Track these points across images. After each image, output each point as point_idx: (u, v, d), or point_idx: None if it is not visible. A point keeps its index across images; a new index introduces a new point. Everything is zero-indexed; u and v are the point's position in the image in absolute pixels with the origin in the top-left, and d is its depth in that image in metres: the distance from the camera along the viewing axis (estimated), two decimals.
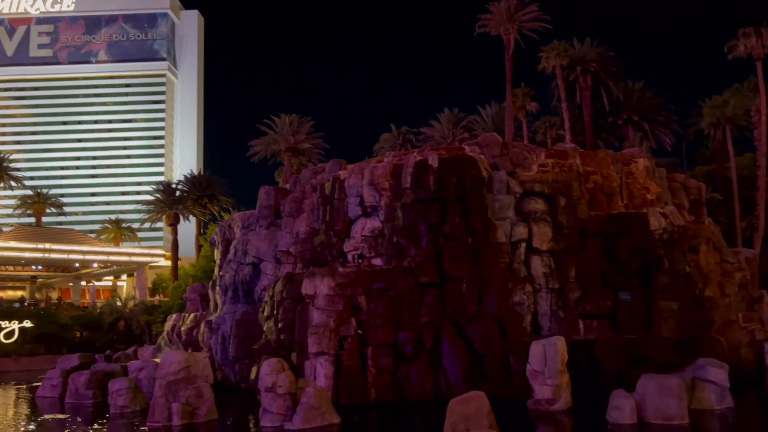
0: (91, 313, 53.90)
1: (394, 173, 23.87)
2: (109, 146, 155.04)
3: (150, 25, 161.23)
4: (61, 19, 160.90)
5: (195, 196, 67.07)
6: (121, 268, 71.64)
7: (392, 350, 20.58)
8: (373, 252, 23.39)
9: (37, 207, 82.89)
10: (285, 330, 21.98)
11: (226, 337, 24.54)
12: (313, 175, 28.81)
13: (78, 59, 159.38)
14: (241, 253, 27.56)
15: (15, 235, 66.21)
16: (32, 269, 66.63)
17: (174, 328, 29.45)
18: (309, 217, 26.17)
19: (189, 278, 49.41)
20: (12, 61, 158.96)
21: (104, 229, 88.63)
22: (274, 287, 23.32)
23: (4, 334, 45.17)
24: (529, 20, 48.53)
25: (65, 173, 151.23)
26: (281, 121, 57.92)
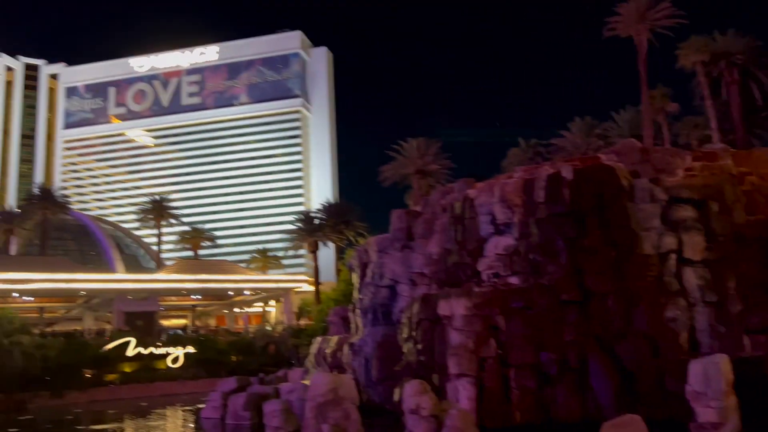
0: (244, 338, 57.52)
1: (526, 188, 23.36)
2: (253, 181, 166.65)
3: (283, 65, 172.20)
4: (207, 69, 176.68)
5: (332, 223, 69.99)
6: (270, 295, 76.10)
7: (535, 371, 19.97)
8: (509, 270, 22.95)
9: (193, 241, 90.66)
10: (424, 351, 22.12)
11: (368, 359, 25.14)
12: (442, 195, 28.97)
13: (222, 103, 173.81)
14: (377, 276, 28.26)
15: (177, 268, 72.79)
16: (192, 299, 72.67)
17: (320, 350, 30.65)
18: (441, 238, 26.28)
19: (331, 302, 51.31)
20: (167, 111, 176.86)
21: (253, 259, 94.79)
22: (411, 309, 23.62)
23: (171, 360, 49.51)
24: (662, 18, 45.68)
25: (216, 209, 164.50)
26: (409, 145, 58.92)
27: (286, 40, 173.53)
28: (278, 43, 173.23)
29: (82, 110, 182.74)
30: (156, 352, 49.53)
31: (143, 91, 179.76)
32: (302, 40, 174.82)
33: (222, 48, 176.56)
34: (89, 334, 58.58)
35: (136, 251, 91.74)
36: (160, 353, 49.60)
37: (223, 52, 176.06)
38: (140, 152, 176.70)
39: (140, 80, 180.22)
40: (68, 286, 58.40)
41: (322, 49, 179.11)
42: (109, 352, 48.05)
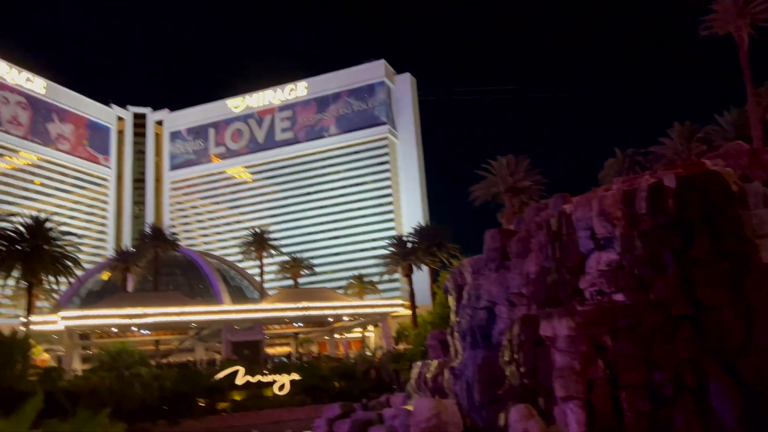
0: (346, 364, 58.37)
1: (626, 200, 22.38)
2: (346, 209, 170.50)
3: (369, 94, 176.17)
4: (297, 104, 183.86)
5: (425, 246, 70.11)
6: (367, 320, 76.96)
7: (648, 391, 18.90)
8: (613, 287, 21.98)
9: (293, 270, 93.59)
10: (528, 374, 21.53)
11: (470, 383, 24.77)
12: (536, 212, 28.32)
13: (313, 136, 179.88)
14: (474, 298, 27.90)
15: (278, 297, 75.29)
16: (294, 326, 74.77)
17: (420, 375, 30.55)
18: (538, 256, 25.63)
19: (428, 325, 51.16)
20: (262, 147, 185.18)
21: (349, 285, 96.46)
22: (511, 330, 23.11)
23: (277, 387, 51.02)
24: (763, 11, 42.85)
25: (312, 237, 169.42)
26: (498, 164, 58.23)
27: (371, 70, 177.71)
28: (363, 74, 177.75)
29: (185, 152, 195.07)
30: (263, 380, 51.25)
31: (240, 130, 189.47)
32: (386, 69, 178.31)
33: (310, 83, 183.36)
34: (201, 365, 61.58)
35: (240, 282, 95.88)
36: (267, 381, 51.29)
37: (312, 86, 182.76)
38: (240, 188, 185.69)
39: (237, 120, 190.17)
40: (180, 319, 61.83)
41: (406, 76, 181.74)
42: (220, 381, 50.24)
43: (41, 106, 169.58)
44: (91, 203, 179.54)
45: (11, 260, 51.17)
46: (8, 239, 51.58)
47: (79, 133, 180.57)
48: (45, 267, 52.62)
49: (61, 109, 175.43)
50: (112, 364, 45.14)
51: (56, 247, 54.18)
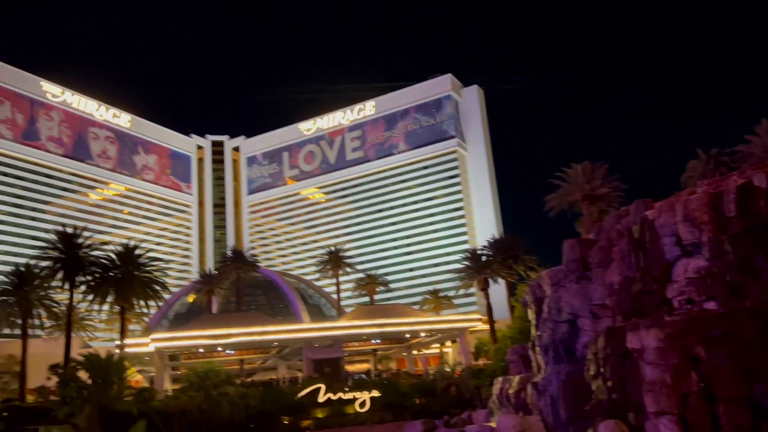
0: (425, 381, 58.02)
1: (713, 203, 21.34)
2: (418, 224, 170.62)
3: (437, 109, 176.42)
4: (366, 123, 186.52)
5: (500, 259, 68.98)
6: (445, 335, 76.29)
7: (748, 405, 17.79)
8: (704, 295, 20.92)
9: (368, 287, 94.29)
10: (615, 388, 20.72)
11: (554, 399, 24.11)
12: (617, 220, 27.37)
13: (383, 154, 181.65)
14: (555, 311, 27.19)
15: (356, 314, 76.00)
16: (372, 343, 75.10)
17: (501, 391, 30.00)
18: (620, 266, 24.74)
19: (507, 340, 50.23)
20: (334, 167, 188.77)
21: (425, 300, 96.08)
22: (596, 344, 22.35)
23: (358, 404, 51.33)
24: None
25: (386, 254, 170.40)
26: (573, 171, 56.63)
27: (437, 85, 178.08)
28: (430, 89, 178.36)
29: (261, 176, 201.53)
30: (344, 397, 51.71)
31: (312, 151, 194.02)
32: (453, 82, 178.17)
33: (378, 102, 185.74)
34: (284, 383, 62.85)
35: (318, 301, 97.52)
36: (348, 398, 51.71)
37: (379, 105, 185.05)
38: (314, 208, 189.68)
39: (309, 142, 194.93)
40: (262, 338, 63.47)
41: (473, 88, 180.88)
42: (303, 398, 51.10)
43: (127, 140, 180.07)
44: (176, 229, 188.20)
45: (105, 286, 54.30)
46: (102, 267, 54.82)
47: (163, 162, 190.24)
48: (136, 292, 55.51)
49: (145, 141, 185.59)
50: (200, 384, 46.81)
51: (145, 273, 57.06)
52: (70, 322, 53.94)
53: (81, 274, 53.63)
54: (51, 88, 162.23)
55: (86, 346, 74.50)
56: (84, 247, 54.24)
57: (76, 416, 40.93)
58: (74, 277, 53.04)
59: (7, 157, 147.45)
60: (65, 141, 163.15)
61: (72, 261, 52.63)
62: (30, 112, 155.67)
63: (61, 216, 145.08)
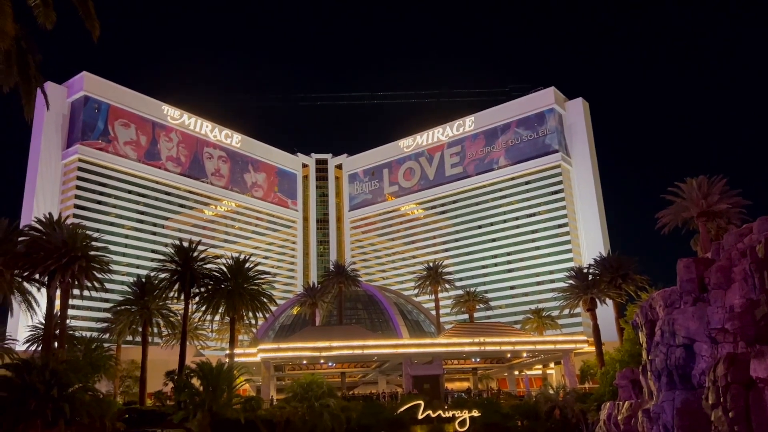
0: (527, 403, 56.35)
1: None
2: (520, 240, 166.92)
3: (539, 123, 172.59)
4: (465, 139, 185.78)
5: (608, 278, 66.00)
6: (548, 357, 73.82)
7: None
8: None
9: (468, 305, 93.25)
10: (738, 420, 19.17)
11: (668, 428, 22.68)
12: (738, 238, 25.47)
13: (482, 169, 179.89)
14: (668, 334, 25.63)
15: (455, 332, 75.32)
16: (472, 361, 73.98)
17: (610, 416, 28.64)
18: (743, 287, 22.95)
19: (615, 363, 47.81)
20: (433, 183, 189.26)
21: (527, 320, 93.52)
22: (714, 371, 20.83)
23: (458, 423, 50.66)
24: None
25: (486, 271, 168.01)
26: (688, 186, 53.23)
27: (539, 99, 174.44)
28: (531, 103, 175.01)
29: (362, 192, 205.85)
30: (443, 415, 51.22)
31: (411, 168, 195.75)
32: (555, 96, 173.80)
33: (477, 118, 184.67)
34: (383, 397, 63.24)
35: (417, 316, 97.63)
36: (447, 416, 51.18)
37: (478, 121, 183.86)
38: (413, 224, 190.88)
39: (408, 159, 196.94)
40: (362, 352, 64.35)
41: (578, 101, 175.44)
42: (402, 414, 51.14)
43: (238, 158, 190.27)
44: (282, 243, 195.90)
45: (217, 298, 57.37)
46: (214, 279, 58.00)
47: (270, 180, 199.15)
48: (245, 303, 58.20)
49: (255, 159, 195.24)
50: (303, 395, 48.11)
51: (254, 285, 59.72)
52: (185, 331, 57.34)
53: (195, 285, 56.99)
54: (171, 111, 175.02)
55: (199, 354, 78.92)
56: (198, 260, 57.64)
57: (190, 421, 43.34)
58: (189, 289, 56.46)
59: (132, 176, 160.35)
60: (182, 160, 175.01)
61: (187, 273, 56.06)
62: (152, 134, 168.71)
63: (178, 231, 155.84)
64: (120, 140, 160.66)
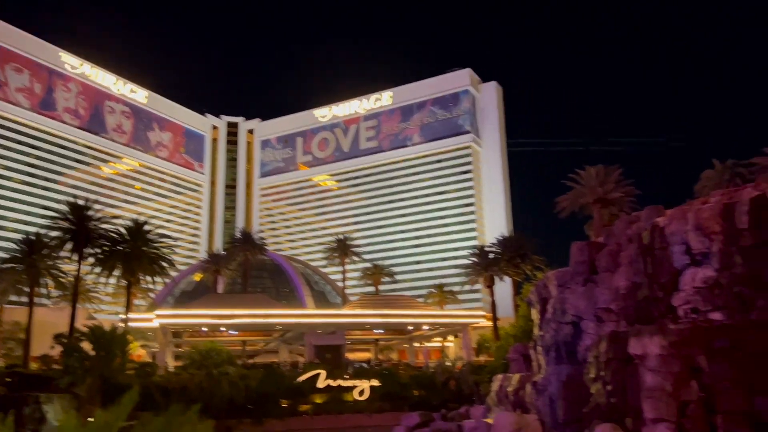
0: (426, 373, 58.15)
1: (726, 214, 21.10)
2: (428, 217, 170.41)
3: (454, 103, 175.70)
4: (382, 113, 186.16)
5: (507, 257, 68.90)
6: (448, 330, 76.40)
7: (749, 419, 17.67)
8: (710, 305, 20.74)
9: (374, 277, 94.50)
10: (615, 393, 20.66)
11: (553, 399, 24.09)
12: (627, 225, 27.16)
13: (397, 145, 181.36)
14: (559, 312, 27.10)
15: (360, 303, 76.19)
16: (375, 333, 75.33)
17: (501, 388, 30.02)
18: (628, 271, 24.58)
19: (510, 338, 50.28)
20: (347, 155, 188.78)
21: (430, 294, 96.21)
22: (598, 347, 22.27)
23: (357, 392, 51.54)
24: None
25: (394, 245, 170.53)
26: (587, 174, 56.30)
27: (456, 79, 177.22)
28: (448, 82, 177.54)
29: (274, 160, 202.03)
30: (344, 385, 51.90)
31: (326, 139, 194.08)
32: (471, 77, 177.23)
33: (395, 92, 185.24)
34: (284, 366, 63.19)
35: (323, 287, 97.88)
36: (347, 385, 51.90)
37: (397, 96, 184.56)
38: (325, 195, 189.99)
39: (323, 129, 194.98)
40: (266, 321, 63.82)
41: (491, 84, 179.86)
42: (303, 383, 51.34)
43: (143, 115, 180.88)
44: (186, 208, 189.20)
45: (113, 260, 54.77)
46: (111, 240, 55.27)
47: (177, 140, 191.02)
48: (143, 267, 55.95)
49: (161, 118, 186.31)
50: (201, 362, 47.17)
51: (153, 249, 57.47)
52: (77, 293, 54.46)
53: (90, 246, 54.11)
54: (70, 59, 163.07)
55: (91, 318, 75.26)
56: (94, 219, 54.65)
57: (78, 386, 41.41)
58: (83, 249, 53.53)
59: (23, 125, 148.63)
60: (81, 113, 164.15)
61: (82, 233, 53.09)
62: (48, 82, 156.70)
63: (73, 187, 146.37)
64: (11, 86, 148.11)
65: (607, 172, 55.74)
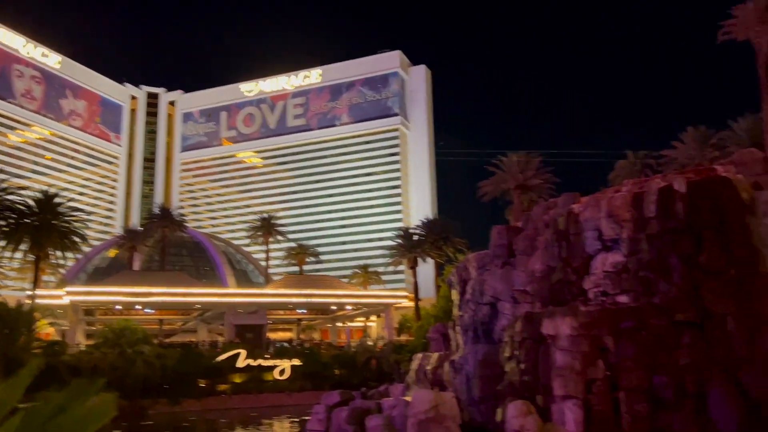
0: (347, 353, 58.62)
1: (635, 202, 22.29)
2: (354, 198, 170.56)
3: (383, 85, 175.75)
4: (311, 91, 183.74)
5: (431, 240, 70.15)
6: (371, 310, 77.13)
7: (648, 395, 18.90)
8: (618, 288, 21.93)
9: (299, 257, 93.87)
10: (528, 371, 21.56)
11: (469, 377, 24.86)
12: (545, 210, 28.21)
13: (325, 124, 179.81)
14: (478, 293, 27.91)
15: (283, 283, 75.53)
16: (298, 312, 75.03)
17: (420, 367, 30.66)
18: (544, 255, 25.57)
19: (431, 318, 51.33)
20: (274, 132, 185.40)
21: (354, 274, 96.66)
22: (513, 327, 23.13)
23: (278, 371, 51.29)
24: None
25: (320, 225, 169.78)
26: (509, 160, 58.05)
27: (386, 60, 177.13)
28: (378, 64, 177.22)
29: (197, 134, 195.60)
30: (264, 364, 51.50)
31: (252, 114, 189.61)
32: (401, 60, 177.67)
33: (325, 71, 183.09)
34: (203, 346, 61.94)
35: (245, 267, 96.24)
36: (268, 365, 51.53)
37: (326, 74, 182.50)
38: (250, 172, 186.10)
39: (249, 104, 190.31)
40: (185, 300, 62.18)
41: (421, 68, 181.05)
42: (222, 363, 50.53)
43: (55, 82, 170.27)
44: (101, 180, 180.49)
45: (20, 233, 51.60)
46: (18, 212, 52.00)
47: (92, 110, 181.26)
48: (53, 241, 53.04)
49: (75, 85, 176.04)
50: (115, 341, 45.53)
51: (65, 223, 54.55)
52: None
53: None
54: None
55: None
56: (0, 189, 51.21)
57: None
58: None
59: None
60: None
61: None
62: None
63: None
64: None
65: (528, 159, 57.67)
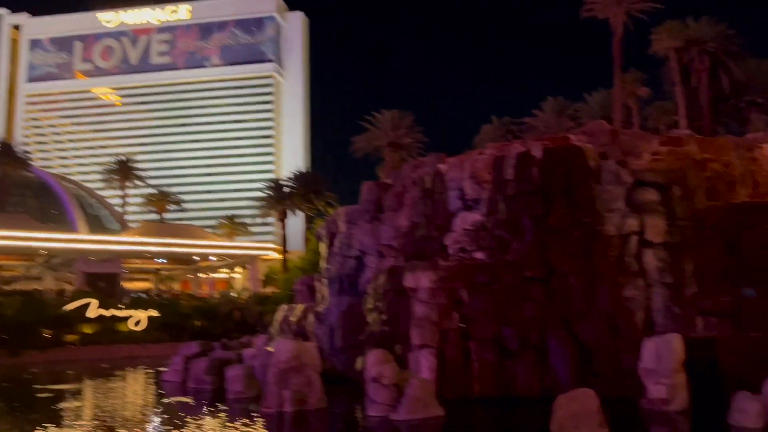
0: (209, 303, 57.30)
1: (496, 165, 23.53)
2: (223, 146, 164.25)
3: (258, 28, 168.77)
4: (178, 28, 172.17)
5: (302, 192, 69.71)
6: (236, 261, 75.75)
7: (496, 345, 20.38)
8: (475, 246, 23.20)
9: (159, 204, 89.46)
10: (389, 322, 22.36)
11: (332, 328, 25.32)
12: (413, 169, 28.95)
13: (193, 64, 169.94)
14: (345, 247, 28.29)
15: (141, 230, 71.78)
16: (156, 262, 71.87)
17: (285, 318, 30.72)
18: (410, 211, 26.36)
19: (298, 271, 51.40)
20: (135, 69, 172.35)
21: (220, 225, 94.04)
22: (377, 280, 23.78)
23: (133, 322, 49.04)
24: (639, 1, 46.06)
25: (184, 172, 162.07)
26: (382, 117, 58.73)
27: (262, 3, 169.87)
28: (253, 5, 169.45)
29: (46, 64, 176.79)
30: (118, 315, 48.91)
31: (111, 47, 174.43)
32: (278, 4, 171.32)
33: (195, 7, 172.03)
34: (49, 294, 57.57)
35: (99, 212, 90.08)
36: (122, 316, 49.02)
37: (196, 11, 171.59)
38: (106, 110, 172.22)
39: (108, 36, 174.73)
40: (28, 244, 57.21)
41: (298, 14, 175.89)
42: (70, 312, 47.29)
43: None
44: None
45: None
46: None
47: None
48: None
49: None
50: None
51: None
52: None
53: None
54: None
55: None
56: None
57: None
58: None
59: None
60: None
61: None
62: None
63: None
64: None
65: (401, 117, 58.73)
